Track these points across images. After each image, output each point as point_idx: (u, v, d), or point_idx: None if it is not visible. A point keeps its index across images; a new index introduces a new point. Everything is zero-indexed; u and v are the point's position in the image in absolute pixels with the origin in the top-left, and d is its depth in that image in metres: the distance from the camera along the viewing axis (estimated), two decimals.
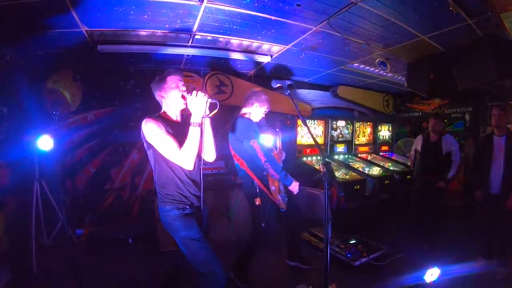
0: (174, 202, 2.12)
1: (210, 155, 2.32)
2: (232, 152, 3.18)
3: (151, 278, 3.16)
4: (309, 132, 2.11)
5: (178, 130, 2.13)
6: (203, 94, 2.03)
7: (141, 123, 2.08)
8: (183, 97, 2.17)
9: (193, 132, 2.00)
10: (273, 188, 3.05)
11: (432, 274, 2.79)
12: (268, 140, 3.31)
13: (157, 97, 2.25)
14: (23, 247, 3.52)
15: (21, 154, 3.93)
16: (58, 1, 2.56)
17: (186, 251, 2.11)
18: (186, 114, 2.24)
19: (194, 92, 2.04)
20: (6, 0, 2.48)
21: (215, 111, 2.12)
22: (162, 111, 2.28)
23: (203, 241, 2.11)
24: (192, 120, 2.02)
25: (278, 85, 2.33)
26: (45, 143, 3.71)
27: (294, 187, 3.07)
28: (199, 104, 2.02)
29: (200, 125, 2.03)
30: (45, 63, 4.19)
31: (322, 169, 1.89)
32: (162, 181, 2.15)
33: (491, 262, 3.40)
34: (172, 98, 2.19)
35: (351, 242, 3.78)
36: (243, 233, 3.87)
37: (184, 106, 2.21)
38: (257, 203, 2.99)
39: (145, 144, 2.13)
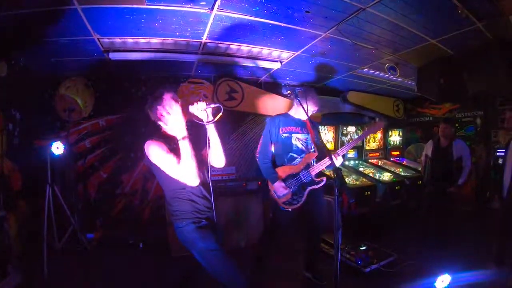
0: (190, 217, 2.08)
1: (219, 161, 2.30)
2: None
3: (163, 284, 3.16)
4: (320, 138, 2.11)
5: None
6: (202, 103, 2.07)
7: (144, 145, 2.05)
8: (182, 111, 2.12)
9: (182, 146, 1.98)
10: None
11: (443, 280, 2.72)
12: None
13: (156, 117, 2.13)
14: (35, 251, 3.54)
15: (33, 159, 4.01)
16: (71, 10, 2.62)
17: (205, 262, 2.07)
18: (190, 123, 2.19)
19: (195, 104, 2.07)
20: (21, 9, 2.56)
21: (220, 115, 2.11)
22: (162, 130, 2.20)
23: (221, 251, 2.07)
24: (178, 136, 2.00)
25: (289, 92, 2.34)
26: (56, 148, 3.74)
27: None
28: (200, 114, 2.08)
29: (185, 138, 1.99)
30: (58, 69, 4.24)
31: (333, 175, 1.88)
32: (174, 197, 2.11)
33: (502, 269, 3.30)
34: (173, 113, 2.08)
35: (362, 248, 3.72)
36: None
37: (183, 121, 2.10)
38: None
39: (150, 165, 2.10)
